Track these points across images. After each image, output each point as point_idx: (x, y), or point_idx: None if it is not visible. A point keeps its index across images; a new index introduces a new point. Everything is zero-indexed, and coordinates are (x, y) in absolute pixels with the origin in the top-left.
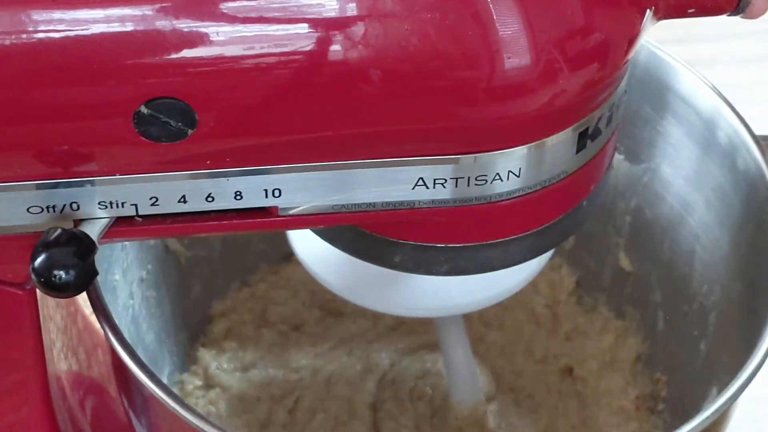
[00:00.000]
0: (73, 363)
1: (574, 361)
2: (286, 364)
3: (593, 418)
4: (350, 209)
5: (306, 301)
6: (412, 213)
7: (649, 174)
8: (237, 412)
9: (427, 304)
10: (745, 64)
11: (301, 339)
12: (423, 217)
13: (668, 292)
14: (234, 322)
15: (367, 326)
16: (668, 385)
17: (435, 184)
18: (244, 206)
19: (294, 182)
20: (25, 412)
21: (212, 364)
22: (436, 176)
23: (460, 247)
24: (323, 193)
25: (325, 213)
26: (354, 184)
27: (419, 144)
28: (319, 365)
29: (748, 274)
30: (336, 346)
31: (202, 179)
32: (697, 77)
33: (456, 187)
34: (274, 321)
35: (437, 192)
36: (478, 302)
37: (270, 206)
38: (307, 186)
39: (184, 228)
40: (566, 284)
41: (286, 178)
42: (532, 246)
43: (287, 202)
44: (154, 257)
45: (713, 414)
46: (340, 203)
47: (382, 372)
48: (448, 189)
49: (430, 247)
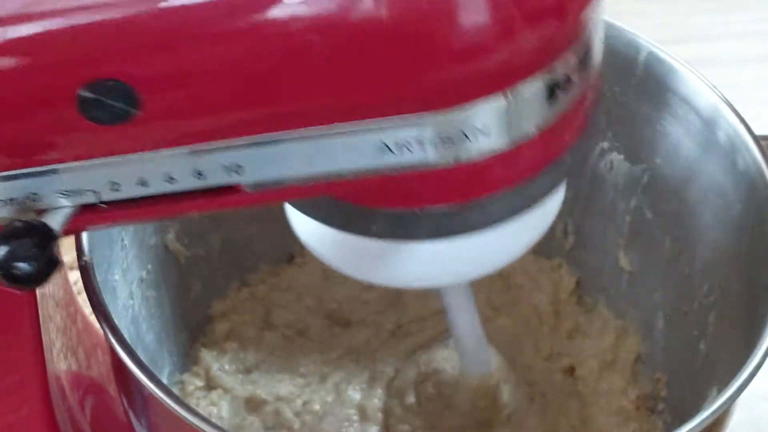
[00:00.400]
0: (73, 363)
1: (575, 360)
2: (293, 368)
3: (593, 418)
4: (317, 180)
5: (311, 307)
6: (382, 179)
7: (649, 174)
8: (240, 413)
9: (427, 273)
10: (745, 64)
11: (308, 345)
12: (395, 183)
13: (668, 292)
14: (235, 323)
15: (370, 335)
16: (668, 385)
17: (400, 147)
18: (208, 185)
19: (254, 157)
20: (25, 412)
21: (214, 365)
22: (401, 139)
23: (437, 210)
24: (286, 166)
25: (292, 186)
26: (317, 155)
27: (379, 107)
28: (327, 372)
29: (748, 274)
30: (343, 355)
31: (157, 161)
32: (697, 77)
33: (423, 149)
34: (277, 324)
35: (404, 156)
36: (476, 269)
37: (234, 183)
38: (269, 160)
39: (151, 211)
40: (566, 284)
41: (246, 154)
42: (512, 204)
43: (251, 178)
44: (154, 257)
45: (713, 414)
46: (305, 175)
47: (387, 380)
48: (414, 152)
49: (407, 212)
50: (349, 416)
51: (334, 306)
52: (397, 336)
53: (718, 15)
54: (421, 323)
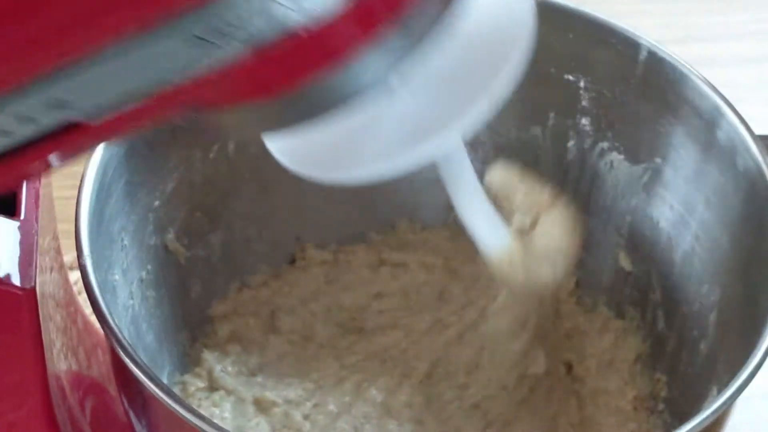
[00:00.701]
0: (73, 363)
1: (573, 359)
2: (303, 373)
3: (592, 417)
4: (158, 90)
5: (317, 313)
6: (193, 83)
7: (649, 174)
8: (246, 414)
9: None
10: (745, 64)
11: (320, 352)
12: (212, 84)
13: (668, 292)
14: (237, 325)
15: (399, 336)
16: (668, 385)
17: (189, 44)
18: (46, 130)
19: (70, 88)
20: (25, 412)
21: (216, 367)
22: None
23: (276, 98)
24: (109, 88)
25: (135, 107)
26: (130, 66)
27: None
28: (345, 375)
29: (748, 274)
30: (365, 359)
31: None
32: (698, 77)
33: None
34: (282, 329)
35: (201, 53)
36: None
37: (72, 120)
38: (85, 87)
39: (18, 164)
40: (566, 284)
41: (58, 87)
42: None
43: (82, 109)
44: (154, 257)
45: (713, 414)
46: (134, 89)
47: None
48: (252, 24)
49: (242, 107)
50: (368, 413)
51: (345, 314)
52: (431, 334)
53: (718, 15)
54: (459, 314)
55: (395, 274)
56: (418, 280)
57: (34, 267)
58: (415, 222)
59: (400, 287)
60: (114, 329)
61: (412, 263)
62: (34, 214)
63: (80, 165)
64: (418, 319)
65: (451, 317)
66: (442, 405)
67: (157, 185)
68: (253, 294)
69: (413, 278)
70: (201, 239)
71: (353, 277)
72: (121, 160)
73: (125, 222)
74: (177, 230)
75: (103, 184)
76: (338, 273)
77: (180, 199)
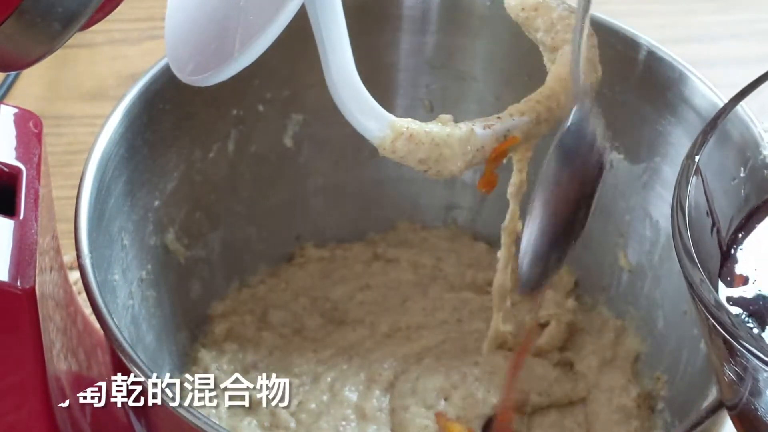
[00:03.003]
0: (73, 363)
1: (574, 357)
2: (288, 368)
3: (593, 416)
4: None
5: (306, 306)
6: None
7: (649, 174)
8: (238, 414)
9: None
10: (745, 64)
11: (303, 344)
12: None
13: (668, 291)
14: (234, 323)
15: (364, 335)
16: (668, 384)
17: None
18: None
19: None
20: (25, 412)
21: (212, 366)
22: None
23: None
24: None
25: None
26: None
27: None
28: (321, 371)
29: None
30: (335, 354)
31: None
32: (697, 77)
33: None
34: (274, 324)
35: None
36: None
37: None
38: None
39: None
40: (566, 284)
41: None
42: None
43: None
44: (154, 257)
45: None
46: None
47: (387, 382)
48: None
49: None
50: (347, 416)
51: (329, 305)
52: (394, 339)
53: (718, 15)
54: (419, 331)
55: (386, 269)
56: (403, 278)
57: (33, 267)
58: (415, 222)
59: (384, 282)
60: (114, 329)
61: (403, 261)
62: (34, 214)
63: (80, 165)
64: (381, 320)
65: (408, 330)
66: (410, 418)
67: (157, 185)
68: (252, 292)
69: (399, 275)
70: (201, 239)
71: (347, 272)
72: (121, 160)
73: (125, 222)
74: (177, 230)
75: (103, 184)
76: (333, 268)
77: (180, 199)
